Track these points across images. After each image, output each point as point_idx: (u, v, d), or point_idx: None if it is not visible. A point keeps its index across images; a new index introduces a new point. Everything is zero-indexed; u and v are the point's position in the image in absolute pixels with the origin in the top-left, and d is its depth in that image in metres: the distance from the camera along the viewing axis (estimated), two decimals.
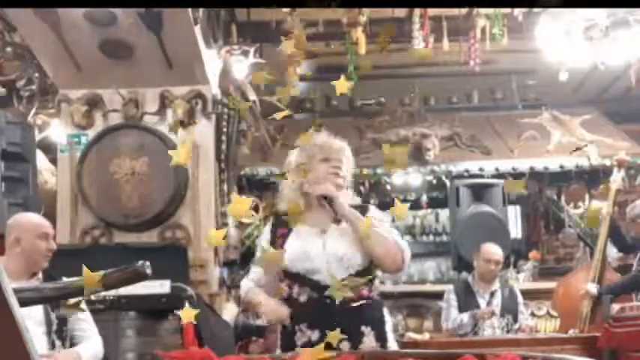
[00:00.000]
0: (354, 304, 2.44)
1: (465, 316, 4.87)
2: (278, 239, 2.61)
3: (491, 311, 4.79)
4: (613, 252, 5.43)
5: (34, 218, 3.25)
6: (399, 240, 2.56)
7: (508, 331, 4.86)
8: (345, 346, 2.38)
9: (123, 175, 5.08)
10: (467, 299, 5.02)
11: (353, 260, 2.50)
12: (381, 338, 2.53)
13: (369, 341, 2.47)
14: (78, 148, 5.22)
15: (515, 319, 4.94)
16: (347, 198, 2.61)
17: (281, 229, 2.63)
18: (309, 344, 2.42)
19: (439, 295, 5.31)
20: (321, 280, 2.50)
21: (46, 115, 5.88)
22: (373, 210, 2.66)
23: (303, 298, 2.54)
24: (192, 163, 5.21)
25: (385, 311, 2.62)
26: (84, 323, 3.22)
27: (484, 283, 5.04)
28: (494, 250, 5.04)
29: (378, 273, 2.63)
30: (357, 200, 2.70)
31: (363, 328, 2.48)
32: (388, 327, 2.59)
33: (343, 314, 2.43)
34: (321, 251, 2.52)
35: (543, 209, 8.04)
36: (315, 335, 2.48)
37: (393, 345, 2.57)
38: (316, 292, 2.51)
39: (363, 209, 2.62)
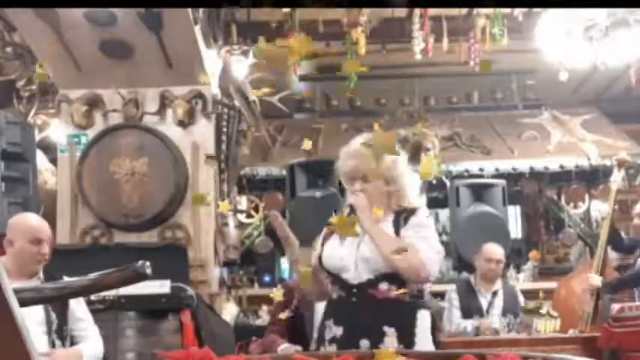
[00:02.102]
0: (378, 304, 2.47)
1: (469, 325, 4.87)
2: (327, 237, 2.68)
3: (494, 329, 4.78)
4: (612, 253, 5.42)
5: (29, 222, 3.20)
6: (426, 252, 2.48)
7: (509, 331, 4.87)
8: (365, 344, 2.41)
9: (123, 175, 5.08)
10: (468, 299, 5.02)
11: (379, 263, 2.50)
12: (407, 340, 2.48)
13: (390, 342, 2.46)
14: (78, 148, 5.22)
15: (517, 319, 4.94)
16: (365, 205, 2.54)
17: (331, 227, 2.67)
18: (335, 340, 2.51)
19: (439, 295, 5.30)
20: (349, 279, 2.54)
21: (46, 115, 5.88)
22: (420, 214, 2.59)
23: (334, 295, 2.60)
24: (192, 163, 5.22)
25: (421, 314, 2.57)
26: (84, 323, 3.22)
27: (486, 283, 5.05)
28: (495, 250, 5.06)
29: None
30: (417, 201, 2.67)
31: (385, 328, 2.47)
32: (420, 330, 2.54)
33: (366, 313, 2.48)
34: (354, 252, 2.55)
35: (543, 209, 8.04)
36: (339, 331, 2.53)
37: (423, 348, 2.50)
38: (344, 290, 2.56)
39: (410, 212, 2.57)
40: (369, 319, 2.45)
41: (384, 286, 2.50)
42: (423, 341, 2.52)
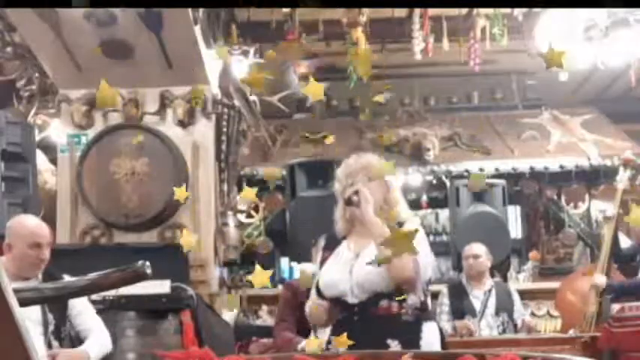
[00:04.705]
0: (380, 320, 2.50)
1: (449, 328, 4.89)
2: (323, 261, 2.71)
3: (468, 328, 4.78)
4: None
5: (28, 226, 3.19)
6: (423, 256, 2.51)
7: (504, 330, 4.86)
8: None
9: (123, 175, 5.08)
10: (460, 300, 5.02)
11: (374, 285, 2.53)
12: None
13: None
14: (78, 148, 5.22)
15: (511, 318, 4.93)
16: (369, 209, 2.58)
17: (327, 251, 2.71)
18: None
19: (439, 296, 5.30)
20: (349, 301, 2.57)
21: (46, 115, 5.88)
22: (408, 225, 2.60)
23: (339, 316, 2.63)
24: (192, 163, 5.22)
25: (427, 329, 2.58)
26: (87, 316, 3.21)
27: (474, 282, 5.04)
28: (472, 246, 5.08)
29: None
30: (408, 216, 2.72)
31: (389, 341, 2.49)
32: (426, 342, 2.54)
33: (369, 329, 2.50)
34: (347, 277, 2.57)
35: (543, 209, 8.03)
36: (342, 350, 2.53)
37: None
38: (347, 310, 2.58)
39: (399, 225, 2.57)
40: (372, 334, 2.46)
41: (384, 303, 2.53)
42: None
